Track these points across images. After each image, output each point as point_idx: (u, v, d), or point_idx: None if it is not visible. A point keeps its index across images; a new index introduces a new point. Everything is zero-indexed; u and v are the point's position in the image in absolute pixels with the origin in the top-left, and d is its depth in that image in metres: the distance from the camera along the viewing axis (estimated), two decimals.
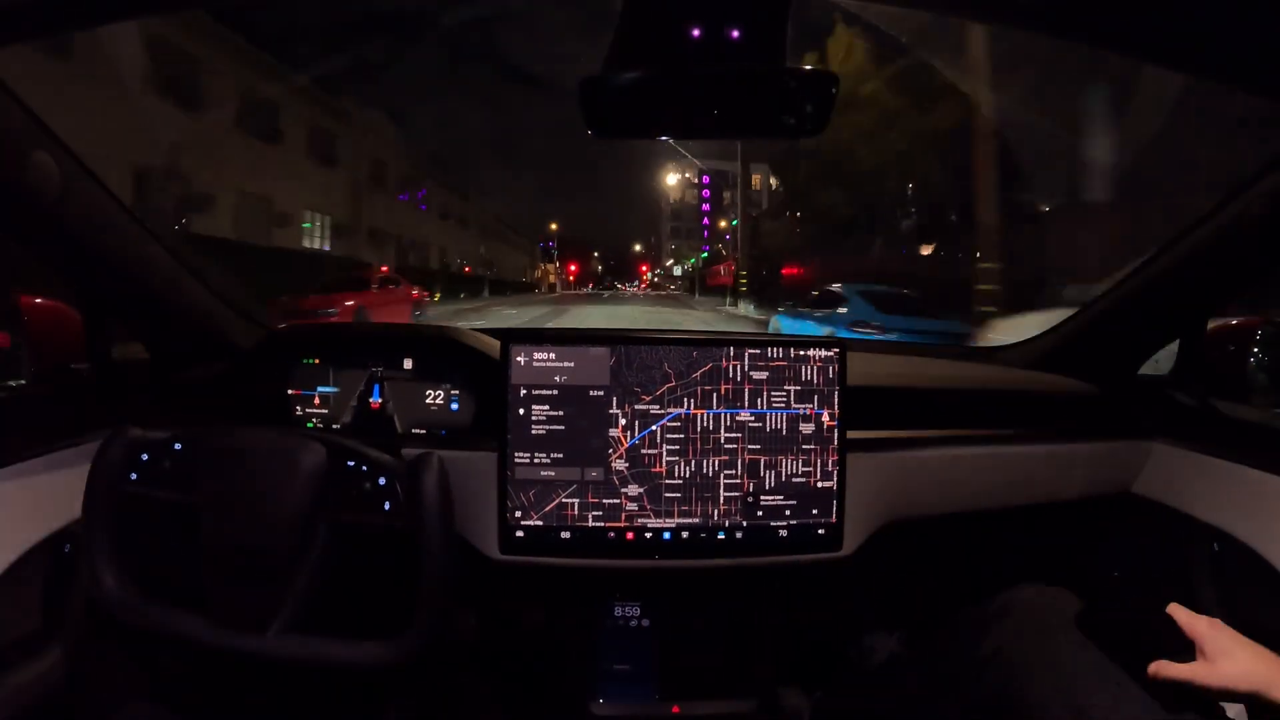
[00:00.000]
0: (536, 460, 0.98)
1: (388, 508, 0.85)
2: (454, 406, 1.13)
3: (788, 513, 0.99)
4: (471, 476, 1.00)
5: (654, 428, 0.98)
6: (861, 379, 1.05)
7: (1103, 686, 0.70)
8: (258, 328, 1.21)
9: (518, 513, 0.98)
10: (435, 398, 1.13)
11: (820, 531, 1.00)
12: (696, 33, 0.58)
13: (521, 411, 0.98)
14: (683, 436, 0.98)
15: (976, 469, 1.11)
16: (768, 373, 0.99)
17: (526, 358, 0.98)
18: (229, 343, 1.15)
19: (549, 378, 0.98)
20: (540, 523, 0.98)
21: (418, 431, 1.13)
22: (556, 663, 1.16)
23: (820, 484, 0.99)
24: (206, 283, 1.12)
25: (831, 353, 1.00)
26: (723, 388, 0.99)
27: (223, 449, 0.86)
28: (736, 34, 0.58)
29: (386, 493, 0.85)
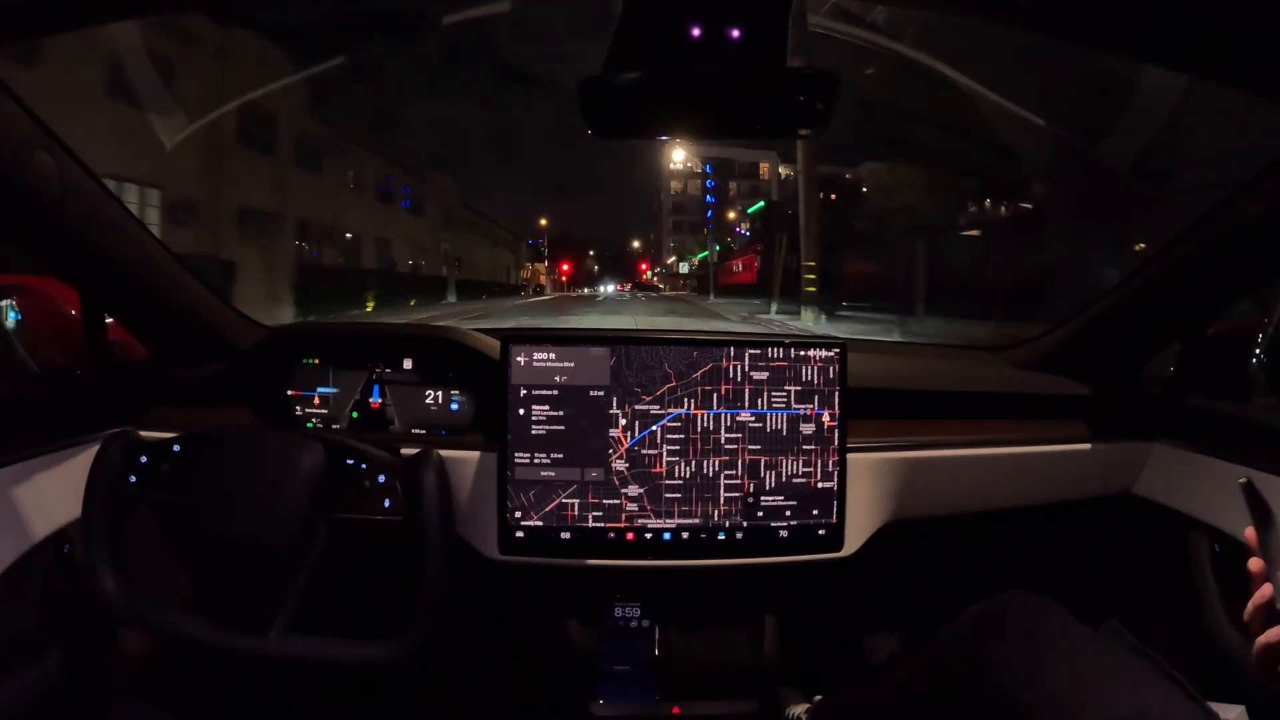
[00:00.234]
0: (536, 460, 0.98)
1: (387, 505, 0.85)
2: (454, 407, 1.13)
3: (788, 513, 0.99)
4: (471, 477, 1.00)
5: (654, 428, 0.98)
6: (862, 379, 1.05)
7: (1099, 690, 0.70)
8: (258, 328, 1.21)
9: (518, 513, 0.98)
10: (435, 398, 1.13)
11: (820, 532, 1.00)
12: (696, 33, 0.58)
13: (521, 412, 0.98)
14: (683, 437, 0.98)
15: (977, 470, 1.11)
16: (768, 373, 0.99)
17: (526, 358, 0.98)
18: (229, 343, 1.15)
19: (549, 378, 0.98)
20: (540, 523, 0.98)
21: (417, 432, 1.13)
22: (556, 663, 1.16)
23: (820, 484, 0.99)
24: (206, 283, 1.12)
25: (832, 353, 1.00)
26: (723, 388, 0.98)
27: (222, 450, 0.86)
28: (736, 34, 0.58)
29: (386, 490, 0.85)
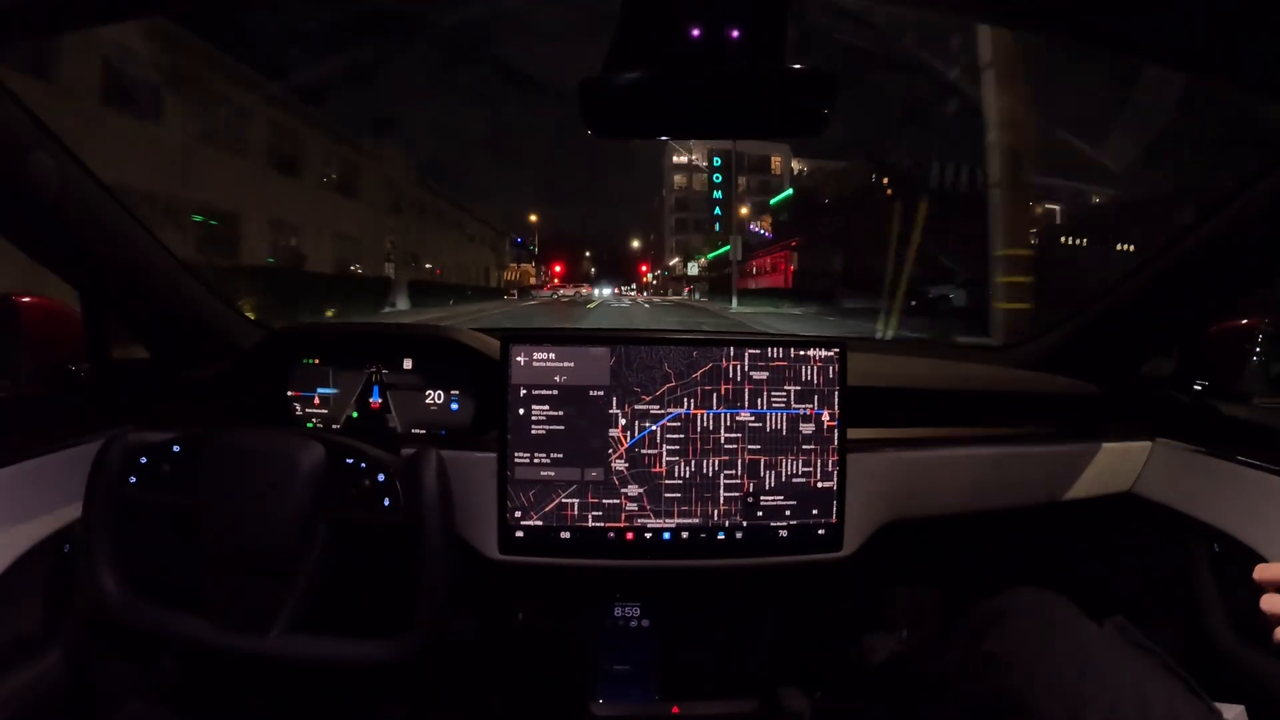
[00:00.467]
0: (536, 460, 0.98)
1: (387, 504, 0.85)
2: (454, 407, 1.13)
3: (788, 513, 0.99)
4: (471, 476, 1.00)
5: (654, 428, 0.98)
6: (861, 379, 1.05)
7: (1103, 686, 0.70)
8: (258, 328, 1.21)
9: (517, 513, 0.98)
10: (435, 398, 1.13)
11: (820, 532, 1.00)
12: (696, 33, 0.58)
13: (521, 411, 0.98)
14: (683, 437, 0.98)
15: (977, 469, 1.11)
16: (768, 373, 0.99)
17: (526, 358, 0.98)
18: (229, 343, 1.15)
19: (549, 378, 0.98)
20: (540, 523, 0.98)
21: (417, 431, 1.13)
22: (556, 663, 1.16)
23: (820, 484, 0.99)
24: (206, 283, 1.12)
25: (832, 353, 1.00)
26: (723, 388, 0.98)
27: (221, 450, 0.86)
28: (736, 34, 0.58)
29: (385, 489, 0.85)
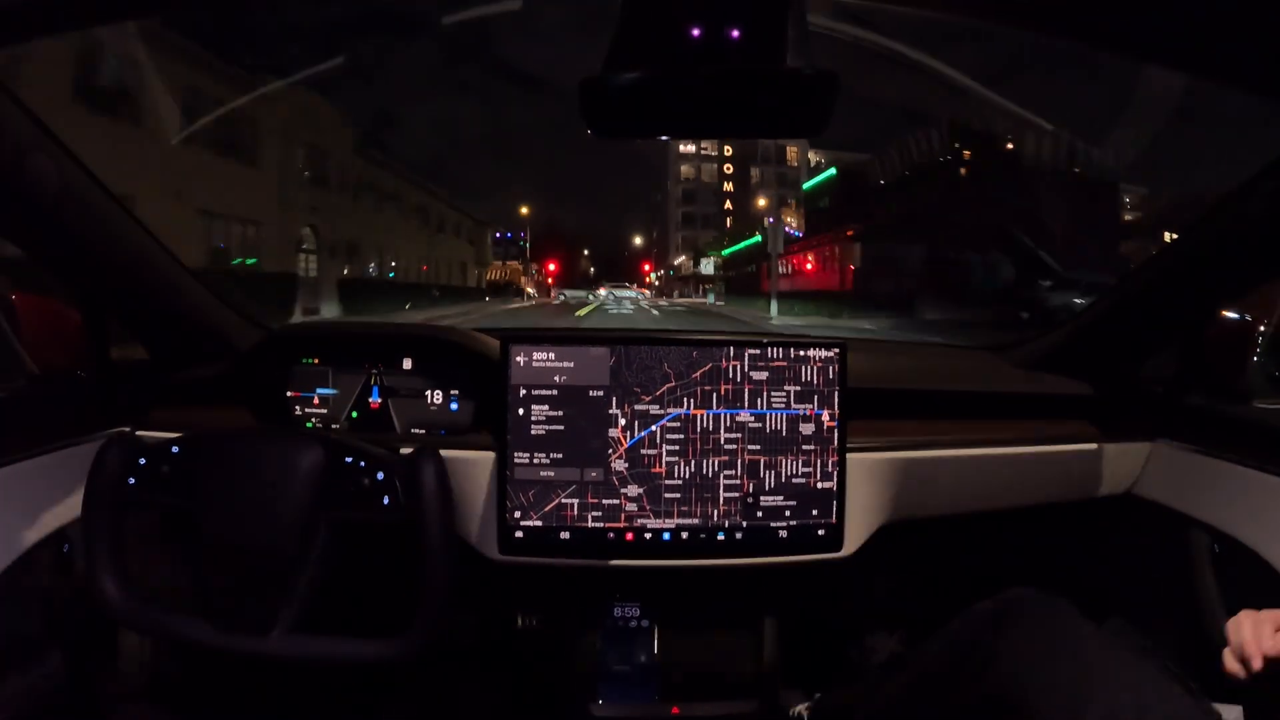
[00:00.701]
0: (536, 460, 0.98)
1: (386, 503, 0.85)
2: (453, 407, 1.13)
3: (788, 513, 0.99)
4: (471, 477, 1.00)
5: (654, 428, 0.98)
6: (861, 379, 1.05)
7: (1102, 687, 0.70)
8: (258, 328, 1.21)
9: (517, 513, 0.98)
10: (435, 398, 1.13)
11: (820, 532, 1.00)
12: (696, 33, 0.58)
13: (521, 412, 0.98)
14: (682, 437, 0.98)
15: (977, 470, 1.11)
16: (768, 373, 0.99)
17: (526, 358, 0.98)
18: (229, 343, 1.15)
19: (549, 378, 0.98)
20: (540, 523, 0.98)
21: (417, 431, 1.13)
22: (556, 663, 1.16)
23: (820, 485, 0.99)
24: (206, 283, 1.12)
25: (831, 353, 1.00)
26: (723, 388, 0.98)
27: (221, 451, 0.86)
28: (736, 34, 0.58)
29: (385, 488, 0.85)
